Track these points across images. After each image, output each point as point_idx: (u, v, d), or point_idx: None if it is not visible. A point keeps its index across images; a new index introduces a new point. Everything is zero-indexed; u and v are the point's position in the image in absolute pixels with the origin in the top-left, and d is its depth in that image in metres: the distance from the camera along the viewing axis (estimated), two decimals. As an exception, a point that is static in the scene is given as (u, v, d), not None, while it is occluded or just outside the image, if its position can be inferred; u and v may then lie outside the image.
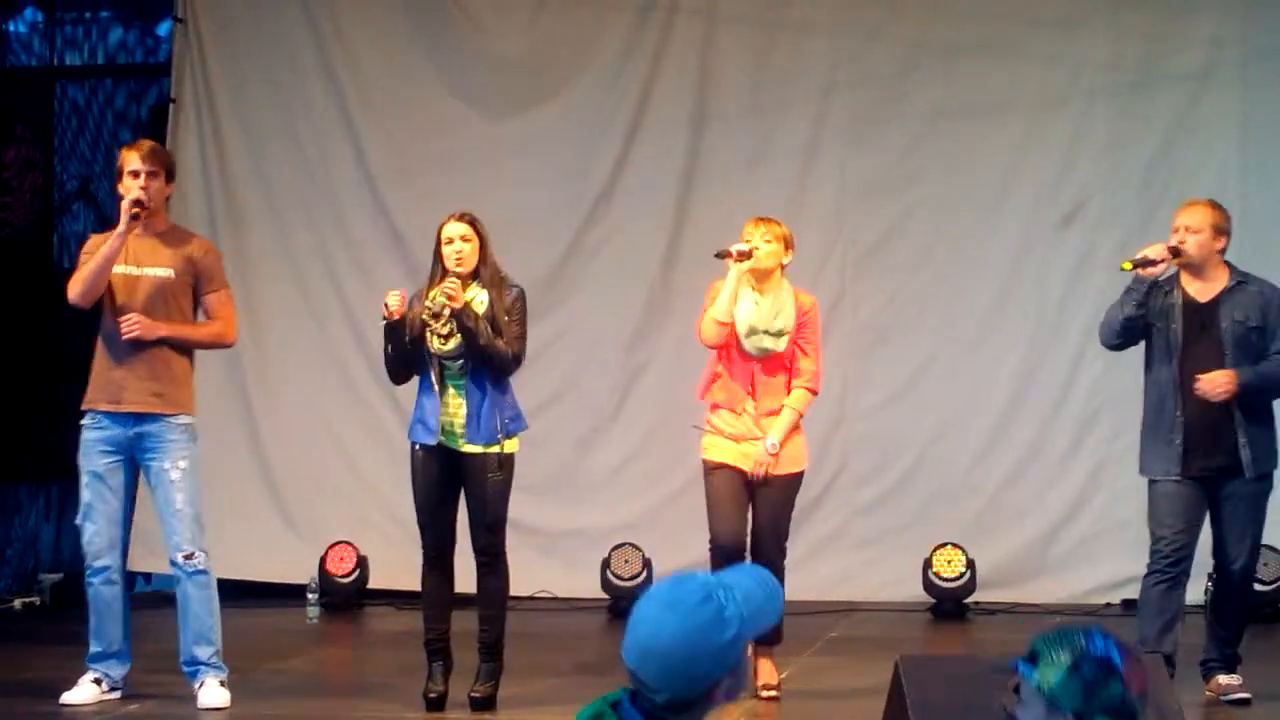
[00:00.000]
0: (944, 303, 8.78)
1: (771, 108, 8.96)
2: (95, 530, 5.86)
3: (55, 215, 10.03)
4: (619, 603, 8.53)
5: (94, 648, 5.95)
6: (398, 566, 8.56)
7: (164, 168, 5.96)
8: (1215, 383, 5.63)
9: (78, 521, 5.93)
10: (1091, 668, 2.78)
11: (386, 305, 5.78)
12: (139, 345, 5.81)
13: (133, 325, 5.79)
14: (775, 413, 5.97)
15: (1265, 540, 7.98)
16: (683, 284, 8.81)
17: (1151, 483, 5.80)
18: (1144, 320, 5.78)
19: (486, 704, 5.83)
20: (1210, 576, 6.37)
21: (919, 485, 8.70)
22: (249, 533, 8.83)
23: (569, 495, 8.78)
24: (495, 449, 5.79)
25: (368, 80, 9.27)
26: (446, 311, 5.75)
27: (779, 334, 5.96)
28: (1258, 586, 8.03)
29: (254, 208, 9.20)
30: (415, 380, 5.93)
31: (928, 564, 8.39)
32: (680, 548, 8.44)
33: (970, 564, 8.36)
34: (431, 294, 5.80)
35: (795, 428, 6.01)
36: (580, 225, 9.06)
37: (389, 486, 8.75)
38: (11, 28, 10.08)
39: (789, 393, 6.01)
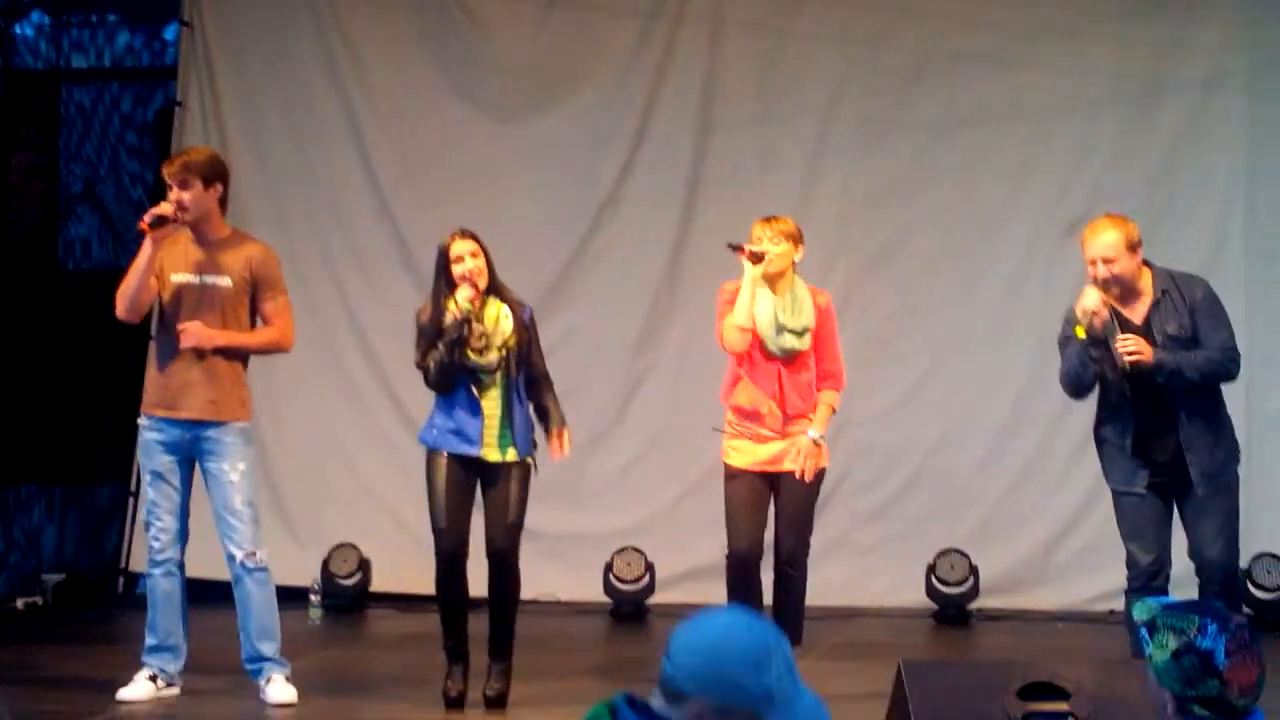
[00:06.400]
0: (948, 311, 8.78)
1: (777, 116, 8.96)
2: (161, 527, 5.99)
3: (60, 218, 10.04)
4: (621, 607, 8.54)
5: (149, 641, 6.03)
6: (400, 570, 8.57)
7: (199, 176, 5.96)
8: (1124, 343, 5.50)
9: (144, 518, 6.06)
10: (1193, 660, 2.80)
11: (468, 310, 5.80)
12: (196, 353, 5.89)
13: (190, 335, 5.86)
14: (803, 415, 5.97)
15: (1269, 548, 8.10)
16: (688, 290, 8.82)
17: (1115, 492, 5.75)
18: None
19: (499, 702, 5.97)
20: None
21: (922, 492, 8.69)
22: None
23: (572, 499, 8.77)
24: (527, 459, 5.96)
25: (374, 85, 9.28)
26: (475, 322, 5.83)
27: (802, 332, 5.97)
28: (1261, 595, 8.05)
29: (259, 212, 9.18)
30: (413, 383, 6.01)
31: (931, 570, 8.39)
32: (683, 552, 8.47)
33: (973, 570, 8.36)
34: (457, 302, 5.85)
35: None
36: (586, 231, 9.06)
37: (392, 490, 8.76)
38: (18, 30, 10.08)
39: (816, 392, 6.01)
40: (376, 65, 9.28)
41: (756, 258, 5.91)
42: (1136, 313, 5.65)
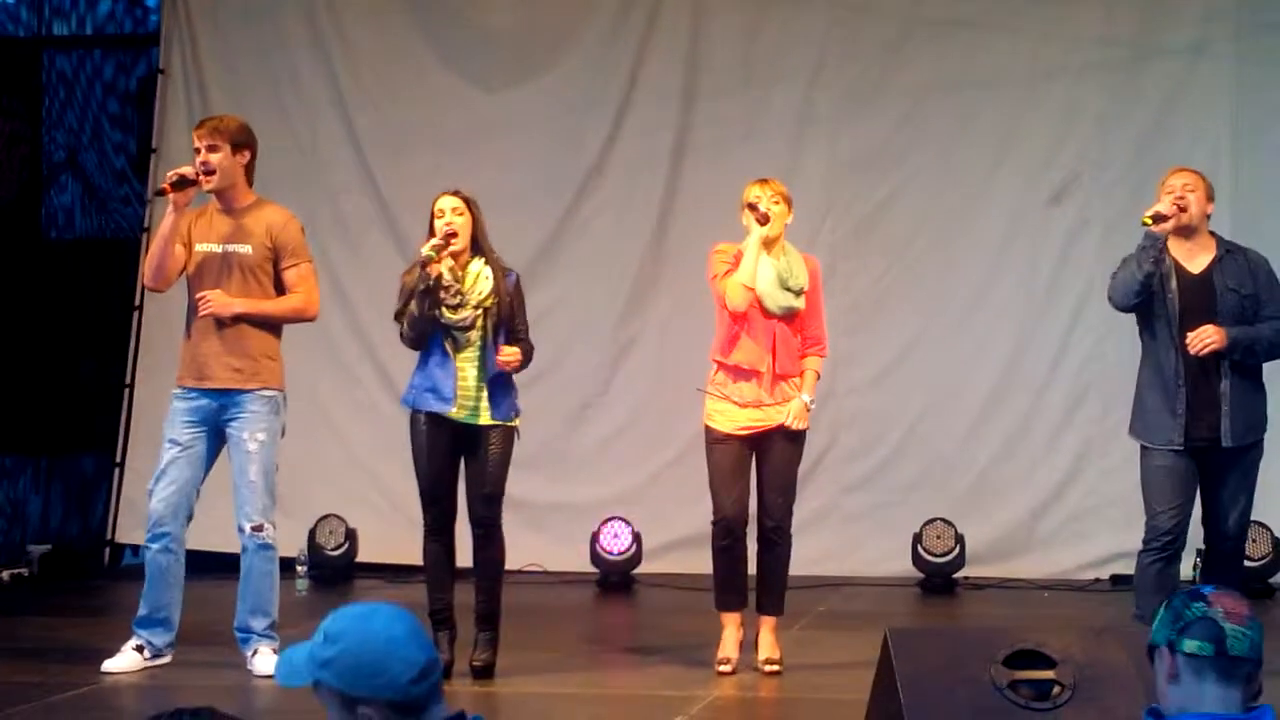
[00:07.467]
0: (934, 278, 8.77)
1: (762, 82, 8.93)
2: (162, 497, 5.93)
3: (43, 187, 9.99)
4: (608, 577, 8.54)
5: (141, 610, 6.02)
6: (387, 540, 8.56)
7: (228, 140, 5.91)
8: (1202, 336, 5.63)
9: (149, 486, 6.00)
10: (1180, 597, 2.82)
11: (428, 255, 5.75)
12: (219, 322, 5.87)
13: (207, 303, 5.85)
14: (792, 375, 6.00)
15: (1254, 516, 8.11)
16: (673, 259, 8.80)
17: (1146, 450, 5.79)
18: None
19: (487, 671, 5.95)
20: (1199, 551, 6.40)
21: (909, 461, 8.69)
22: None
23: (558, 469, 8.77)
24: (506, 423, 5.93)
25: (357, 52, 9.23)
26: (444, 277, 5.77)
27: (799, 292, 6.03)
28: (1246, 563, 8.06)
29: (243, 180, 9.15)
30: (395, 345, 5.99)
31: (917, 539, 8.40)
32: (669, 521, 8.47)
33: (959, 539, 8.37)
34: (426, 252, 5.83)
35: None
36: (571, 200, 9.03)
37: (378, 461, 8.75)
38: (-1, -2, 10.03)
39: (802, 356, 6.05)
40: (361, 33, 9.23)
41: (764, 218, 5.97)
42: (1196, 263, 5.78)
